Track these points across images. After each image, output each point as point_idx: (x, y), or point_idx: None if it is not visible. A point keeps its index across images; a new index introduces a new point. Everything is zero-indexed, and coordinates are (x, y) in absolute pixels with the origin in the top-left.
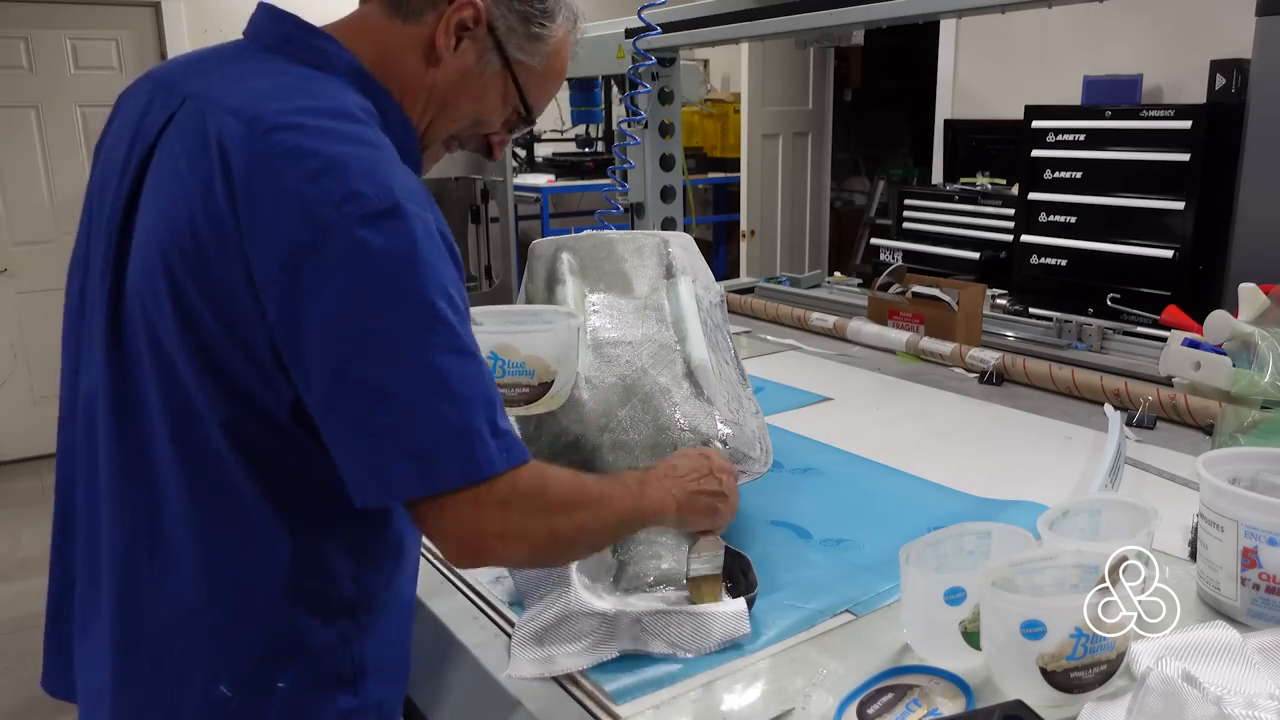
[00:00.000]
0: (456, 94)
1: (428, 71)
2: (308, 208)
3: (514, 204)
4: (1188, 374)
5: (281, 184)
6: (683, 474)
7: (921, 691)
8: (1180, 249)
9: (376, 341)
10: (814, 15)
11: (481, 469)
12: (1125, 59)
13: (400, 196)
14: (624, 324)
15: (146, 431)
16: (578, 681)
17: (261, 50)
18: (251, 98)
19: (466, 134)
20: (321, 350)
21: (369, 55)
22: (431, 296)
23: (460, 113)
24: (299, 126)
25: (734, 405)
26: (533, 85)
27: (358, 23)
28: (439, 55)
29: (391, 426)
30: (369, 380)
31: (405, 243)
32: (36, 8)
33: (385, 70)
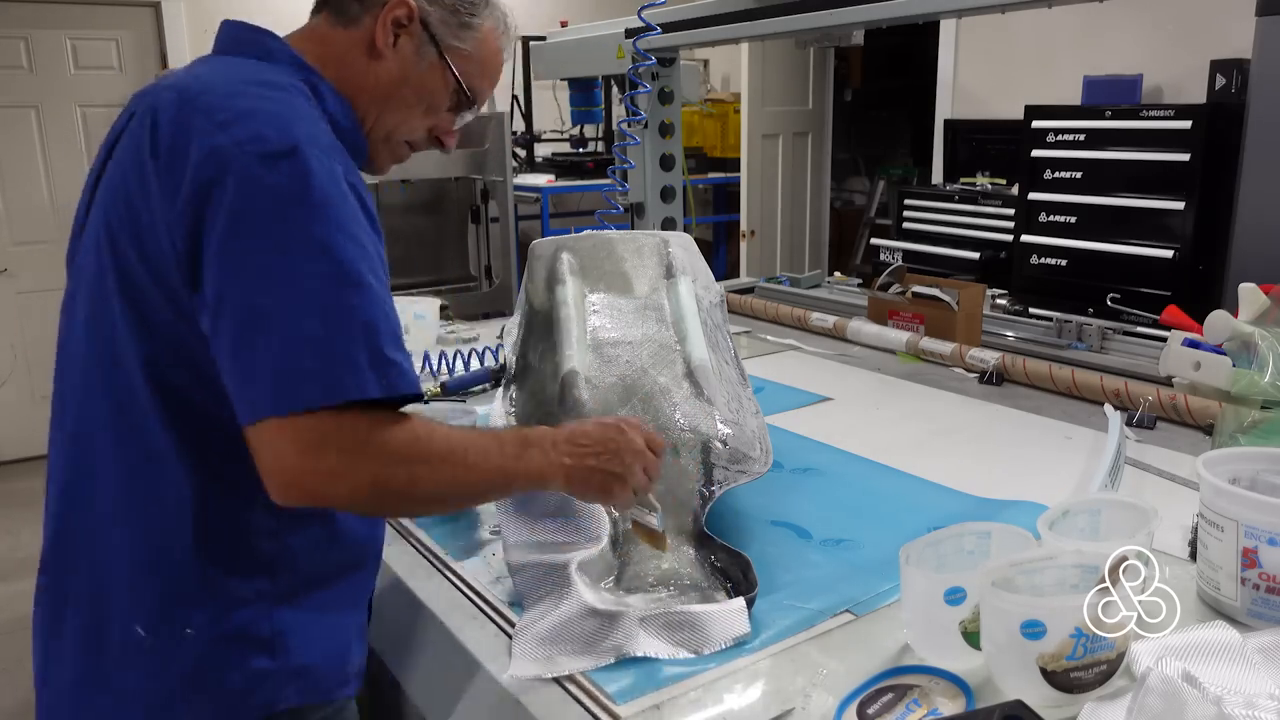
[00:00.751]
0: (399, 86)
1: (370, 68)
2: (215, 150)
3: (514, 204)
4: (1188, 374)
5: (193, 134)
6: (584, 444)
7: (921, 691)
8: (1180, 249)
9: (257, 266)
10: (814, 15)
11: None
12: (1125, 59)
13: (302, 141)
14: (624, 324)
15: (88, 380)
16: (578, 681)
17: (219, 55)
18: (191, 78)
19: (418, 129)
20: (212, 273)
21: (315, 59)
22: (319, 231)
23: (405, 103)
24: (222, 92)
25: (734, 405)
26: (470, 71)
27: (305, 33)
28: (380, 52)
29: (261, 346)
30: (246, 301)
31: (299, 181)
32: (36, 8)
33: (332, 72)
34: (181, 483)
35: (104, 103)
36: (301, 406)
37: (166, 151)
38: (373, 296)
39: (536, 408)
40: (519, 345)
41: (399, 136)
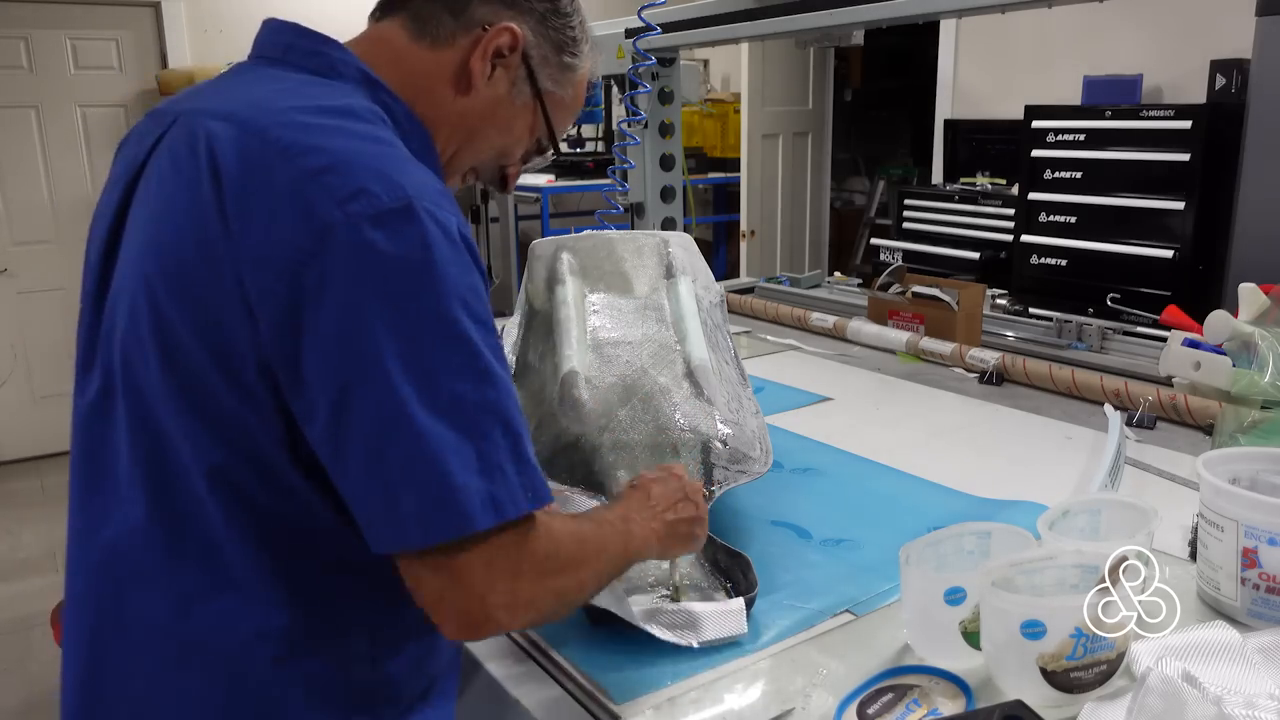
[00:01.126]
0: (485, 124)
1: (456, 100)
2: (309, 208)
3: (514, 204)
4: (1188, 374)
5: (278, 184)
6: (658, 503)
7: (921, 691)
8: (1180, 249)
9: (386, 361)
10: (814, 15)
11: (506, 509)
12: (1125, 59)
13: (414, 195)
14: (624, 324)
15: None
16: (578, 681)
17: (264, 65)
18: (245, 103)
19: (486, 165)
20: (323, 372)
21: (390, 80)
22: (449, 308)
23: (486, 143)
24: (298, 124)
25: (734, 405)
26: (558, 116)
27: (375, 41)
28: (472, 83)
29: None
30: (378, 407)
31: (419, 246)
32: (36, 8)
33: (411, 96)
34: (258, 616)
35: (104, 103)
36: (453, 535)
37: (236, 202)
38: (506, 388)
39: (536, 407)
40: (519, 345)
41: (467, 169)
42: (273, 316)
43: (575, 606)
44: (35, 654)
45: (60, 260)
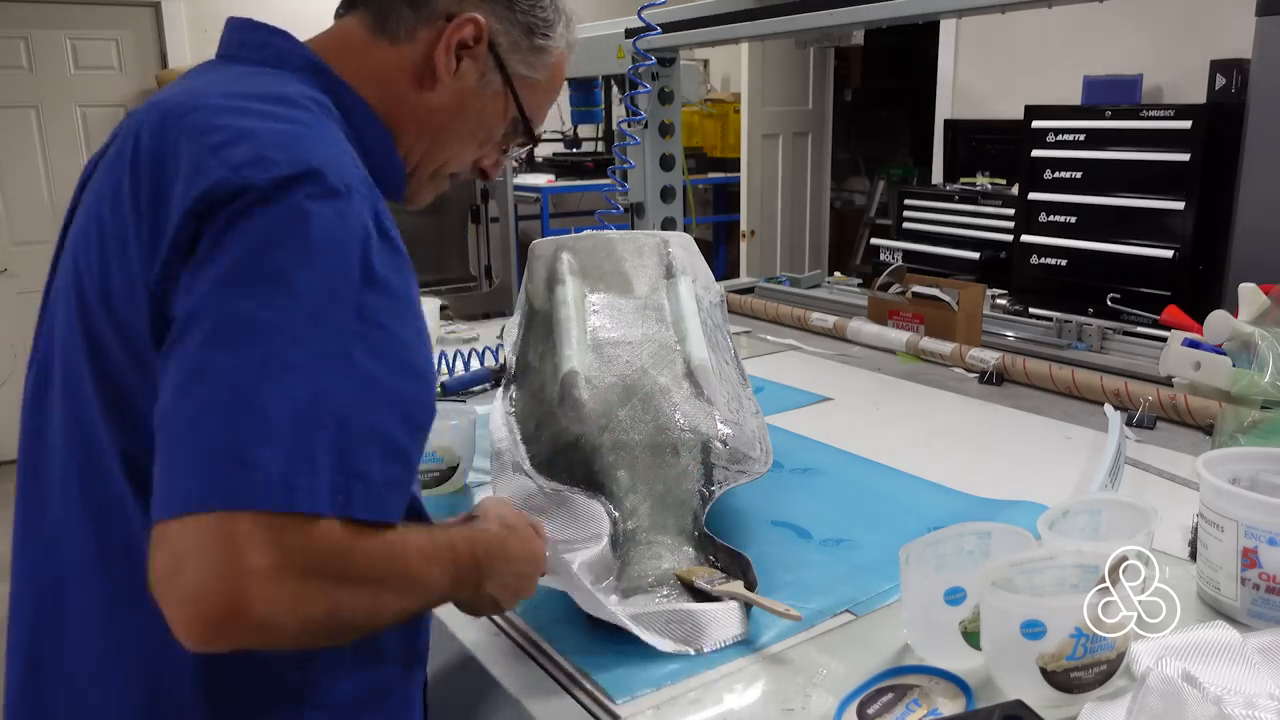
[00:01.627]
0: (454, 119)
1: (421, 96)
2: (203, 176)
3: (514, 204)
4: (1188, 374)
5: (180, 162)
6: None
7: (921, 691)
8: (1180, 249)
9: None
10: (814, 15)
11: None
12: (1125, 59)
13: (318, 164)
14: (624, 324)
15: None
16: (577, 681)
17: (223, 62)
18: (179, 94)
19: (466, 161)
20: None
21: (350, 76)
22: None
23: (457, 138)
24: (214, 108)
25: (734, 405)
26: (534, 101)
27: (336, 37)
28: (437, 78)
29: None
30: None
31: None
32: (36, 8)
33: (371, 92)
34: None
35: (104, 103)
36: (246, 503)
37: (147, 185)
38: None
39: (536, 408)
40: (519, 345)
41: (447, 171)
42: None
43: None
44: None
45: None
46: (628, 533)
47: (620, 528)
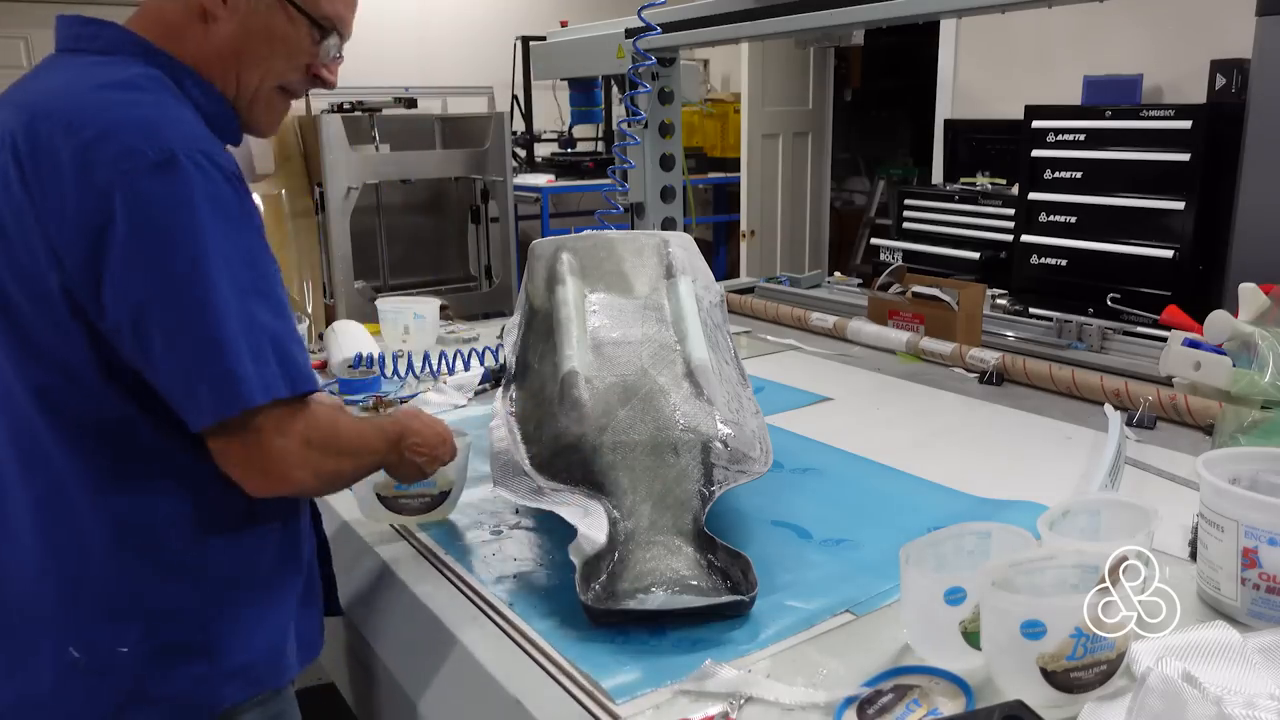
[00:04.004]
0: (244, 42)
1: (209, 32)
2: (90, 174)
3: (514, 204)
4: (1188, 374)
5: (62, 156)
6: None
7: (921, 691)
8: (1180, 249)
9: (168, 287)
10: (814, 15)
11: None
12: (1125, 59)
13: (176, 147)
14: (624, 324)
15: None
16: (577, 681)
17: (65, 55)
18: (38, 92)
19: (286, 76)
20: (119, 301)
21: (157, 36)
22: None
23: (258, 57)
24: (76, 104)
25: (734, 405)
26: (321, 3)
27: (144, 12)
28: (212, 13)
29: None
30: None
31: (184, 190)
32: (36, 8)
33: (175, 46)
34: (90, 503)
35: None
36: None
37: (34, 177)
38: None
39: (536, 408)
40: (519, 345)
41: (267, 89)
42: (75, 263)
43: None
44: None
45: None
46: (628, 533)
47: (620, 527)
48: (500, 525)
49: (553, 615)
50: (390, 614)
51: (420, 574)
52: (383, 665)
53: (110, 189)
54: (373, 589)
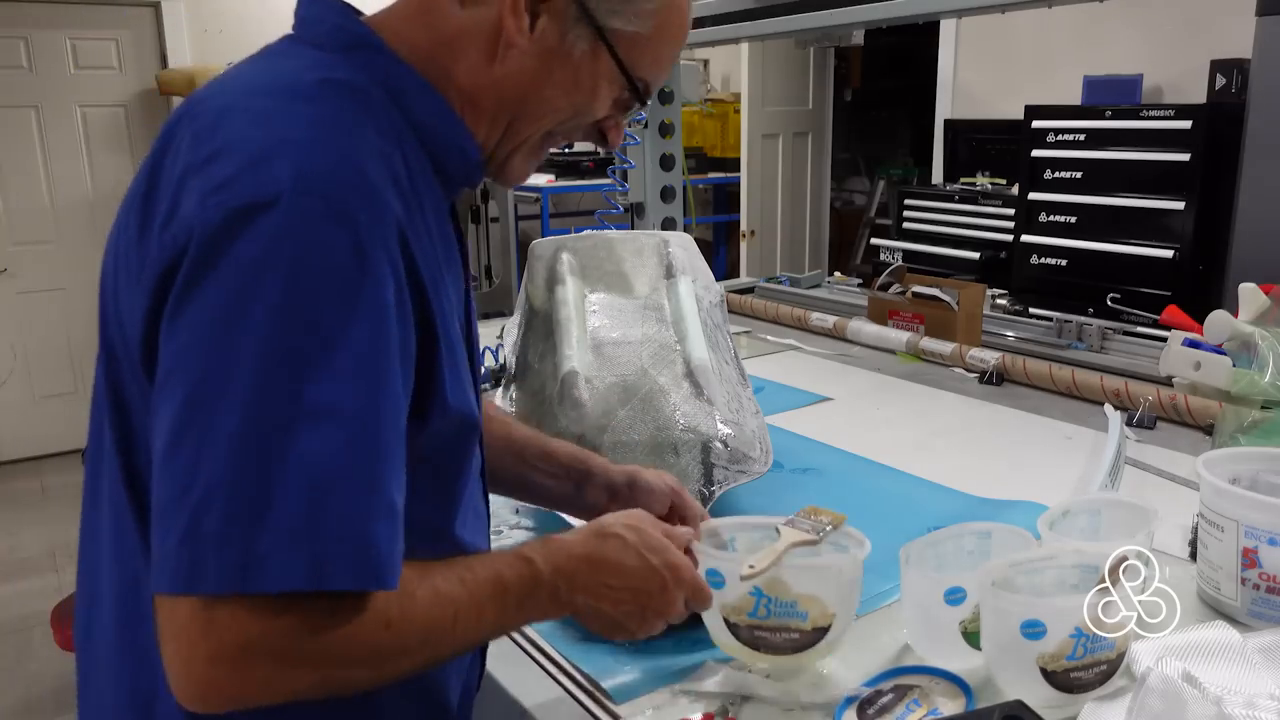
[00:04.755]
0: (539, 86)
1: (491, 66)
2: (178, 204)
3: (514, 204)
4: (1188, 374)
5: (173, 174)
6: (614, 587)
7: (921, 691)
8: (1180, 249)
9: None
10: (814, 15)
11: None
12: (1125, 59)
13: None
14: (624, 324)
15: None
16: (577, 681)
17: (286, 41)
18: (209, 90)
19: (569, 128)
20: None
21: (419, 44)
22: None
23: (549, 108)
24: (218, 108)
25: (734, 405)
26: (641, 54)
27: (405, 5)
28: (509, 41)
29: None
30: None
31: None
32: (36, 7)
33: (435, 68)
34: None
35: (104, 103)
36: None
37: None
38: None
39: (536, 408)
40: (519, 345)
41: (538, 138)
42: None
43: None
44: (35, 654)
45: (60, 260)
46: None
47: None
48: (500, 525)
49: None
50: None
51: None
52: None
53: (189, 229)
54: None
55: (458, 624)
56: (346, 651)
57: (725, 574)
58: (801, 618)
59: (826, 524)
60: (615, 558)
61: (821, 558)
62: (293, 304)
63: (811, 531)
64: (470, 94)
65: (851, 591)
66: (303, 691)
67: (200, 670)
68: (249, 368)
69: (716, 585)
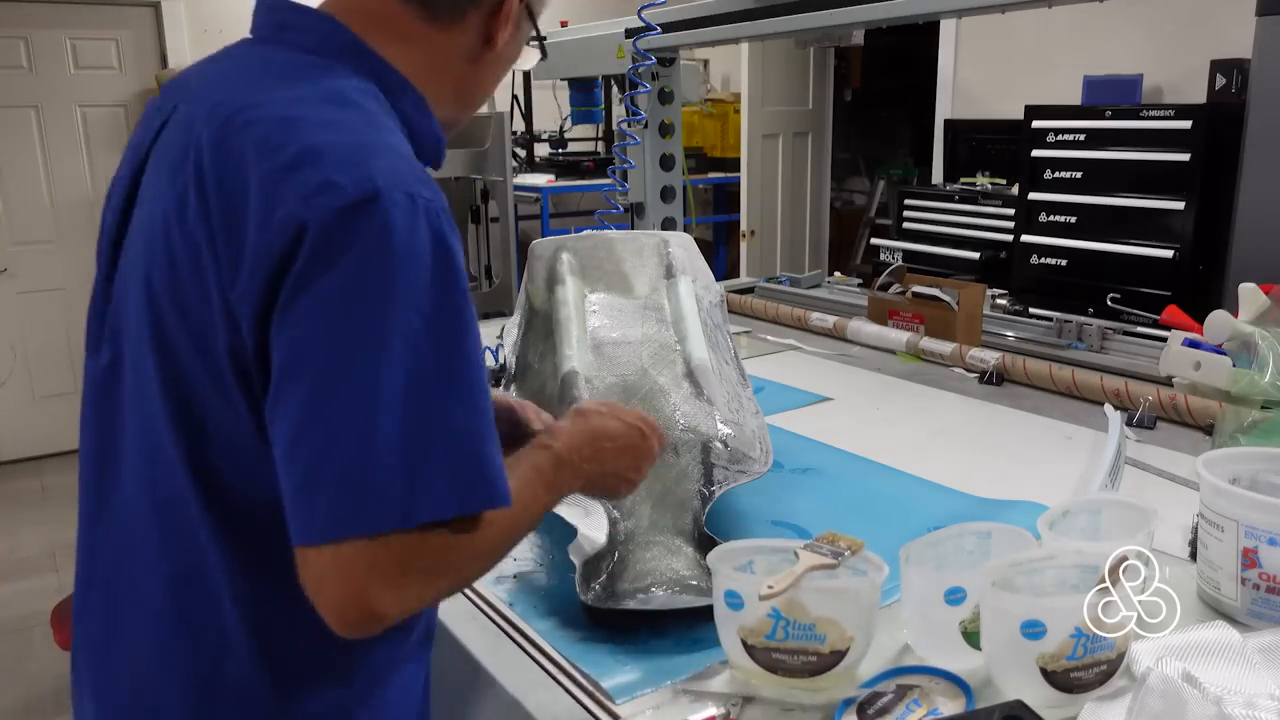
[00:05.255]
0: (494, 73)
1: (473, 69)
2: (278, 207)
3: (514, 204)
4: (1188, 374)
5: (251, 184)
6: (604, 447)
7: (921, 691)
8: (1180, 249)
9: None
10: (814, 15)
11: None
12: (1125, 59)
13: (383, 185)
14: (624, 324)
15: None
16: (578, 681)
17: (260, 44)
18: (232, 95)
19: None
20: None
21: (394, 57)
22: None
23: (490, 89)
24: (276, 116)
25: (734, 405)
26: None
27: (378, 19)
28: (494, 46)
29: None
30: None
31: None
32: (36, 8)
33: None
34: (236, 599)
35: (104, 103)
36: (371, 530)
37: (217, 206)
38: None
39: None
40: (519, 345)
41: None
42: (251, 317)
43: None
44: (35, 654)
45: (60, 260)
46: (628, 532)
47: (620, 527)
48: None
49: (553, 615)
50: None
51: None
52: None
53: (297, 227)
54: None
55: (526, 512)
56: (472, 554)
57: (744, 595)
58: (820, 640)
59: (845, 549)
60: (602, 425)
61: (840, 580)
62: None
63: (830, 556)
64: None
65: (870, 615)
66: (444, 593)
67: (368, 597)
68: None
69: (735, 607)
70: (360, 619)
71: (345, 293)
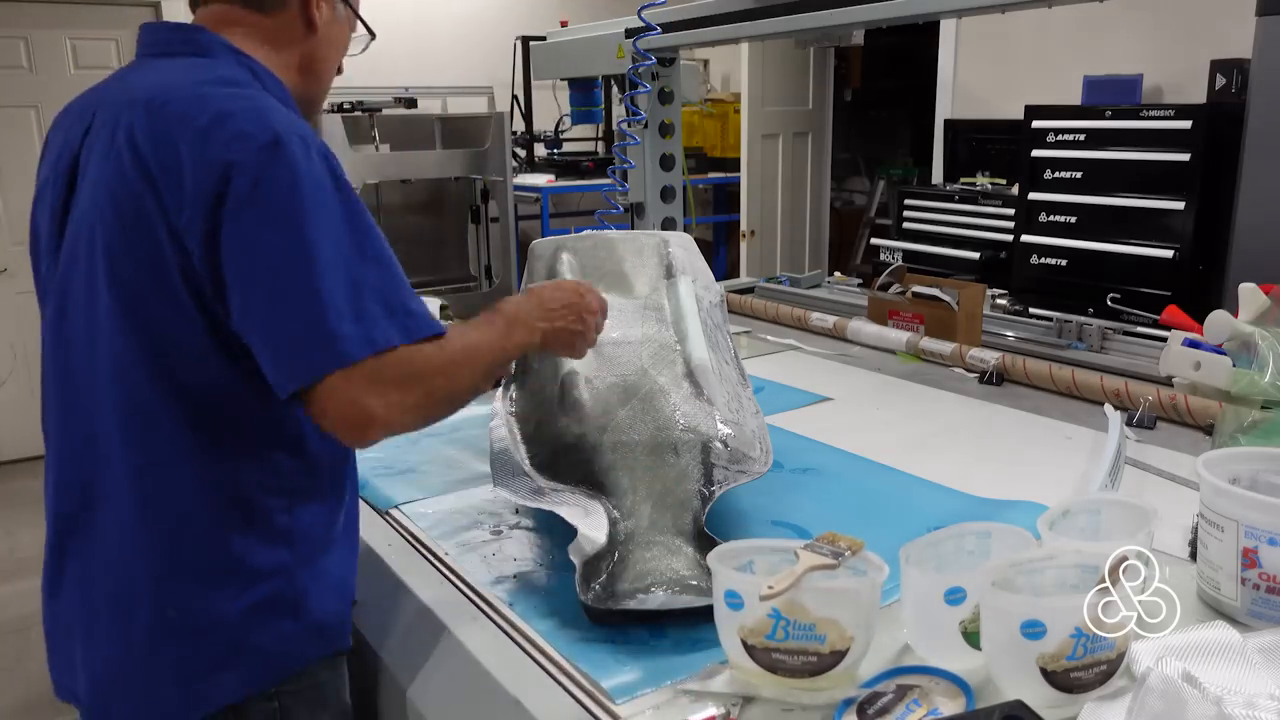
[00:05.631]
0: (329, 51)
1: (302, 49)
2: (205, 154)
3: (514, 204)
4: (1188, 374)
5: (181, 145)
6: (551, 308)
7: (921, 691)
8: (1180, 249)
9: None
10: (814, 15)
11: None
12: (1125, 59)
13: (280, 130)
14: (624, 324)
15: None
16: (578, 681)
17: (152, 59)
18: (149, 88)
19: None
20: (236, 269)
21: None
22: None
23: (332, 61)
24: (188, 96)
25: (734, 405)
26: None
27: (222, 21)
28: (314, 29)
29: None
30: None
31: (292, 168)
32: (36, 8)
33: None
34: (193, 472)
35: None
36: (350, 360)
37: (156, 167)
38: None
39: (536, 408)
40: None
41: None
42: (195, 239)
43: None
44: (34, 654)
45: None
46: (628, 533)
47: (620, 527)
48: (500, 525)
49: (553, 615)
50: (390, 614)
51: (420, 573)
52: (382, 665)
53: (225, 166)
54: (372, 588)
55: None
56: (429, 369)
57: (744, 595)
58: (820, 641)
59: (845, 549)
60: (543, 291)
61: (840, 580)
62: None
63: (830, 556)
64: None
65: (870, 615)
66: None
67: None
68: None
69: (735, 607)
70: (360, 421)
71: (273, 209)
